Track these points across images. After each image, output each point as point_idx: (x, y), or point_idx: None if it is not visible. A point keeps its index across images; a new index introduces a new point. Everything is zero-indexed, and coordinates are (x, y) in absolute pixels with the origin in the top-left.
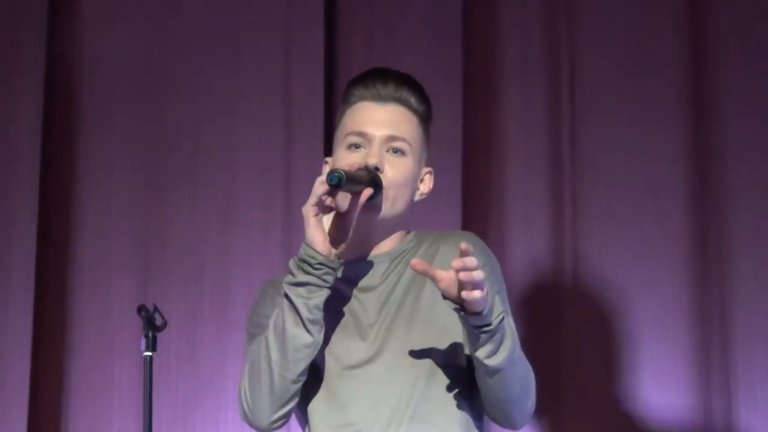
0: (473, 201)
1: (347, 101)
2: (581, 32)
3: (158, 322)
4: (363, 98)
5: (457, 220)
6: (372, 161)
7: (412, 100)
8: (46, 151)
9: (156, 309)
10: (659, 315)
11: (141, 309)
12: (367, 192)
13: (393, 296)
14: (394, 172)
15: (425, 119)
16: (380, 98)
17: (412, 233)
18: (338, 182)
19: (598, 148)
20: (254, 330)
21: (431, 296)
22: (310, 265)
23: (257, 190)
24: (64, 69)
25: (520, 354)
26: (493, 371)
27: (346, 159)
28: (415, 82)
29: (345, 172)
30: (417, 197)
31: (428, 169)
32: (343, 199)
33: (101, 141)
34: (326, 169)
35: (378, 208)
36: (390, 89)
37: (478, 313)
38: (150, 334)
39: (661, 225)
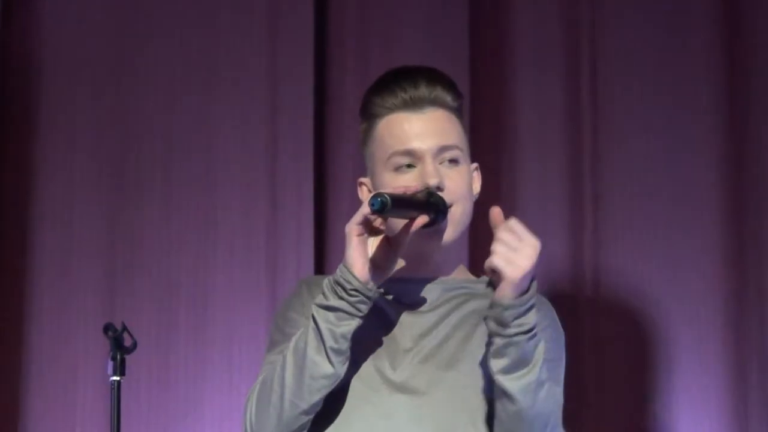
0: (482, 204)
1: (373, 114)
2: (603, 16)
3: (127, 342)
4: (394, 108)
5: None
6: (433, 182)
7: (448, 98)
8: None
9: (125, 328)
10: (691, 333)
11: (108, 328)
12: (422, 220)
13: (439, 328)
14: (455, 185)
15: (461, 113)
16: (414, 105)
17: (484, 277)
18: (381, 208)
19: (621, 146)
20: (277, 335)
21: (481, 343)
22: (344, 289)
23: (238, 194)
24: (20, 59)
25: (546, 404)
26: (508, 396)
27: (397, 183)
28: (444, 76)
29: (392, 195)
30: (474, 198)
31: (475, 164)
32: (396, 223)
33: (61, 140)
34: (362, 192)
35: (441, 234)
36: (423, 91)
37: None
38: (118, 357)
39: (692, 232)
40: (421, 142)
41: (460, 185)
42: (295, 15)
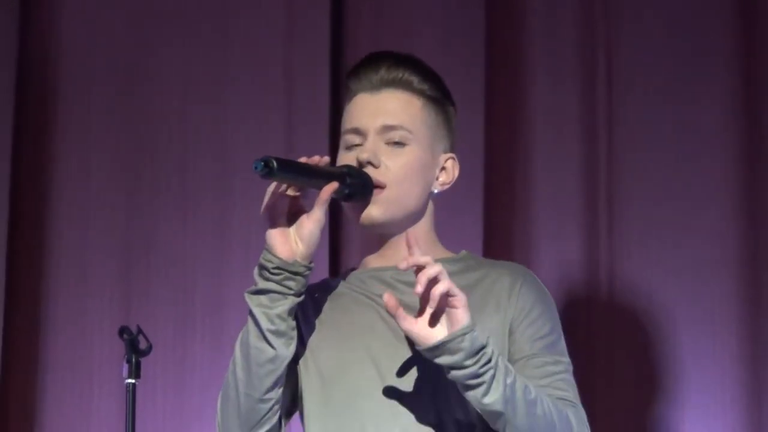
0: (496, 207)
1: (346, 97)
2: (618, 20)
3: (142, 345)
4: (358, 91)
5: (477, 228)
6: (363, 156)
7: (413, 79)
8: (17, 153)
9: (140, 331)
10: (705, 339)
11: (123, 331)
12: (331, 186)
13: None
14: (393, 165)
15: (436, 99)
16: (372, 87)
17: (464, 252)
18: (265, 170)
19: (636, 151)
20: None
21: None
22: (267, 270)
23: (254, 197)
24: (39, 62)
25: (533, 401)
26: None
27: (344, 160)
28: (414, 59)
29: (278, 158)
30: (437, 188)
31: (449, 155)
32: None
33: (78, 141)
34: None
35: (361, 210)
36: (382, 74)
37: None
38: (133, 360)
39: (708, 237)
40: (366, 121)
41: (400, 167)
42: (310, 19)
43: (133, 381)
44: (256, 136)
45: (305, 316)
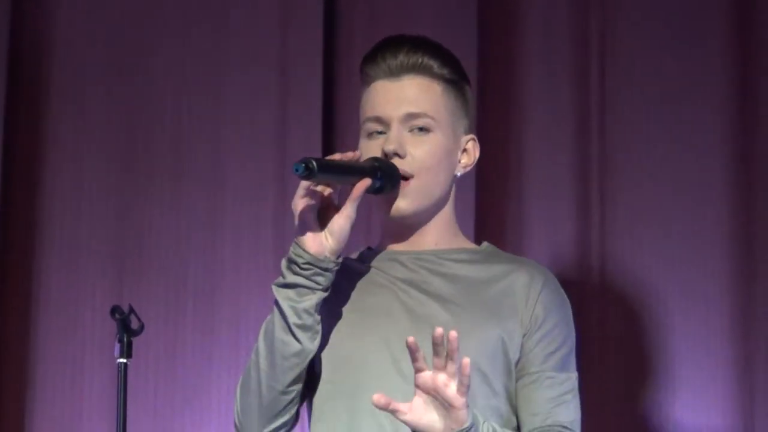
0: (488, 193)
1: (363, 83)
2: (613, 14)
3: (134, 325)
4: (377, 77)
5: (469, 215)
6: (389, 148)
7: (432, 64)
8: (8, 138)
9: (132, 311)
10: (697, 323)
11: (115, 310)
12: (364, 183)
13: (419, 294)
14: (419, 154)
15: (454, 82)
16: (392, 73)
17: (485, 244)
18: (305, 172)
19: (629, 136)
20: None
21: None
22: (297, 264)
23: (247, 182)
24: (30, 52)
25: None
26: None
27: (368, 150)
28: (431, 43)
29: (318, 160)
30: (459, 171)
31: (470, 136)
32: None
33: (71, 126)
34: None
35: (391, 202)
36: (401, 59)
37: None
38: (125, 339)
39: (699, 222)
40: (390, 109)
41: (425, 155)
42: (304, 11)
43: (125, 360)
44: (249, 126)
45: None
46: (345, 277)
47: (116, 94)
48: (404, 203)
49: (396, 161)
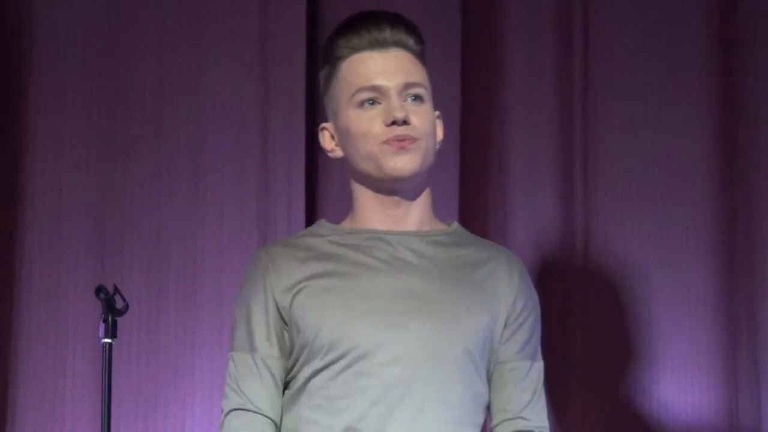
0: (471, 170)
1: (337, 56)
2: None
3: (119, 305)
4: (359, 48)
5: (453, 193)
6: (400, 115)
7: (411, 41)
8: None
9: (117, 290)
10: (681, 303)
11: (99, 290)
12: None
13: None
14: (419, 121)
15: (424, 59)
16: (379, 45)
17: (455, 224)
18: None
19: (612, 114)
20: (240, 330)
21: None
22: None
23: (228, 156)
24: (8, 25)
25: None
26: None
27: (361, 119)
28: (407, 21)
29: None
30: (437, 145)
31: (437, 112)
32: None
33: (51, 103)
34: (323, 138)
35: (381, 163)
36: (387, 33)
37: None
38: (110, 319)
39: (683, 200)
40: (386, 78)
41: (424, 122)
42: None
43: (109, 340)
44: (230, 95)
45: (298, 285)
46: (319, 259)
47: (96, 74)
48: (405, 159)
49: (401, 129)
